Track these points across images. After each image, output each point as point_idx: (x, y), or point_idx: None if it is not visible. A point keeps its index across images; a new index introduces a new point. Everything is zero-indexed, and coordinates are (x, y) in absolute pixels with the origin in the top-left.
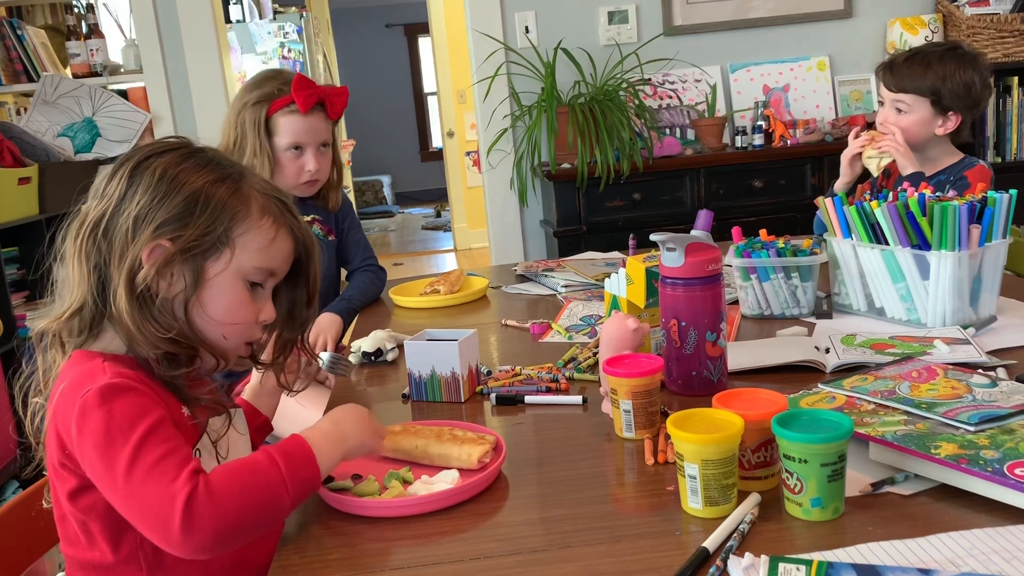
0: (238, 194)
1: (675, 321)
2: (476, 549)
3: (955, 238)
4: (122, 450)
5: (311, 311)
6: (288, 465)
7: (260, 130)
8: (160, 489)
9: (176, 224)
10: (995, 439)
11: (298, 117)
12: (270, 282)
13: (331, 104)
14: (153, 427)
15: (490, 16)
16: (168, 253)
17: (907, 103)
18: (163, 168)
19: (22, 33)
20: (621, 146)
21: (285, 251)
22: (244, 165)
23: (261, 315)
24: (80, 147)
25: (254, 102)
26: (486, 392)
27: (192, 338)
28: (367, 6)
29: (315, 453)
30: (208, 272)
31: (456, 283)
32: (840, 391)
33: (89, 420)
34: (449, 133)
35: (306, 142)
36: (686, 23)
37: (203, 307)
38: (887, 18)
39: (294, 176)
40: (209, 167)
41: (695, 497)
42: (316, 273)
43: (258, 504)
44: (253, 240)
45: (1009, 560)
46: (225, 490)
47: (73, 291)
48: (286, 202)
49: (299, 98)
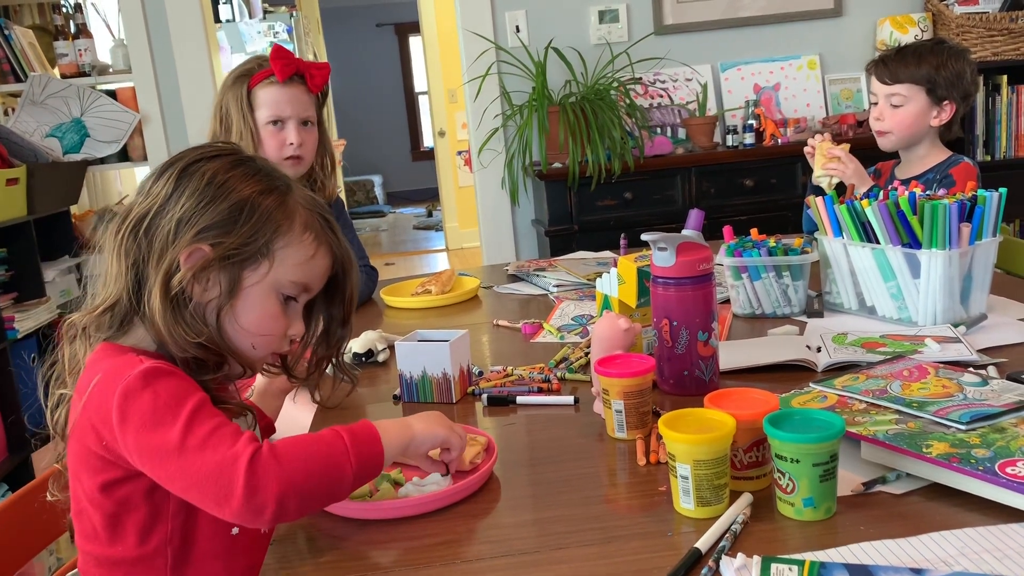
0: (283, 207)
1: (666, 321)
2: (468, 551)
3: (945, 237)
4: (173, 425)
5: (346, 330)
6: (352, 440)
7: (242, 105)
8: (222, 452)
9: (219, 230)
10: (986, 438)
11: (276, 88)
12: (303, 297)
13: (311, 76)
14: (200, 404)
15: (481, 15)
16: (207, 258)
17: (903, 94)
18: (212, 173)
19: (9, 33)
20: (612, 145)
21: (322, 268)
22: (287, 177)
23: (291, 330)
24: (69, 148)
25: (234, 79)
26: (477, 393)
27: (221, 345)
28: (357, 5)
29: (380, 434)
30: (245, 281)
31: (447, 283)
32: (831, 390)
33: (135, 402)
34: (440, 132)
35: (286, 114)
36: (677, 22)
37: (235, 316)
38: (877, 17)
39: (276, 151)
40: (257, 176)
41: (687, 497)
42: (353, 292)
43: (322, 471)
44: (293, 255)
45: (1001, 559)
46: (289, 453)
47: (109, 286)
48: (329, 219)
49: (276, 66)
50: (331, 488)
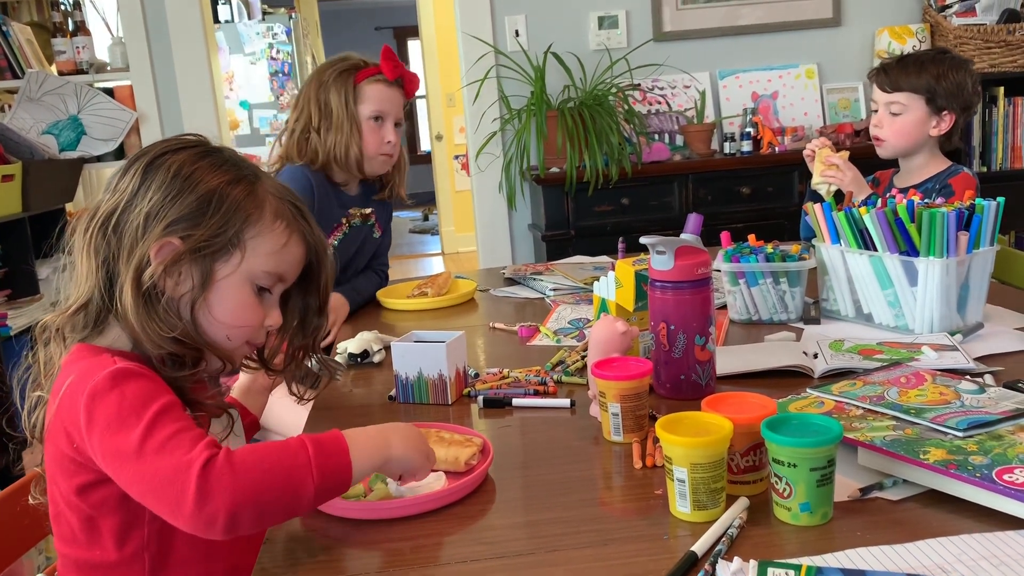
0: (252, 196)
1: (664, 325)
2: (462, 552)
3: (943, 245)
4: (135, 427)
5: (322, 319)
6: (317, 452)
7: (348, 98)
8: (177, 458)
9: (188, 223)
10: (983, 445)
11: (384, 86)
12: (278, 287)
13: (410, 81)
14: (166, 407)
15: (480, 19)
16: (177, 252)
17: (903, 103)
18: (178, 165)
19: (7, 29)
20: (610, 151)
21: (296, 257)
22: (256, 166)
23: (268, 320)
24: (65, 145)
25: (340, 71)
26: (473, 394)
27: (196, 339)
28: (356, 8)
29: (349, 446)
30: (217, 273)
31: (444, 286)
32: (829, 396)
33: (101, 404)
34: (438, 136)
35: (388, 112)
36: (676, 29)
37: (209, 308)
38: (875, 27)
39: (376, 146)
40: (225, 167)
41: (683, 501)
42: (328, 281)
43: (281, 485)
44: (264, 244)
45: (997, 566)
46: (246, 462)
47: (80, 286)
48: (300, 207)
49: (386, 67)
50: (290, 503)
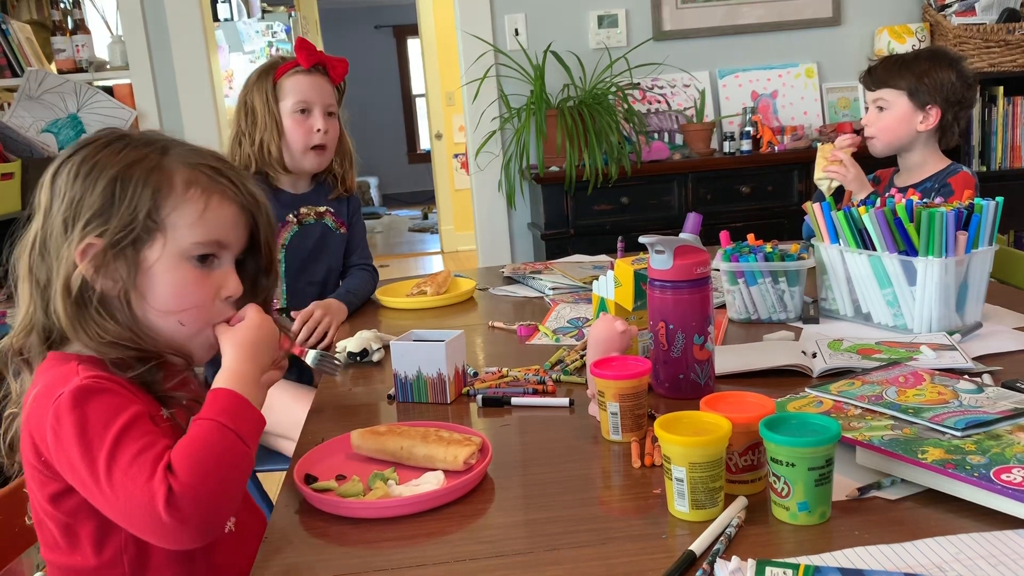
0: (158, 171)
1: (663, 324)
2: (461, 551)
3: (942, 244)
4: (99, 453)
5: (271, 279)
6: (235, 422)
7: (268, 96)
8: (140, 487)
9: (100, 218)
10: (981, 444)
11: (302, 76)
12: (225, 255)
13: (332, 67)
14: (127, 424)
15: (480, 18)
16: (99, 250)
17: (886, 99)
18: (76, 165)
19: (6, 27)
20: (609, 150)
21: (226, 218)
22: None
23: (223, 291)
24: (64, 143)
25: (259, 74)
26: (472, 393)
27: (143, 338)
28: (356, 7)
29: (242, 395)
30: (145, 261)
31: (443, 284)
32: (827, 395)
33: (64, 425)
34: (437, 135)
35: (312, 100)
36: (675, 28)
37: (145, 298)
38: (875, 26)
39: (303, 139)
40: (127, 149)
41: (682, 500)
42: (270, 238)
43: (230, 473)
44: (183, 216)
45: (995, 565)
46: (195, 477)
47: (22, 309)
48: (218, 168)
49: (301, 56)
50: (240, 477)
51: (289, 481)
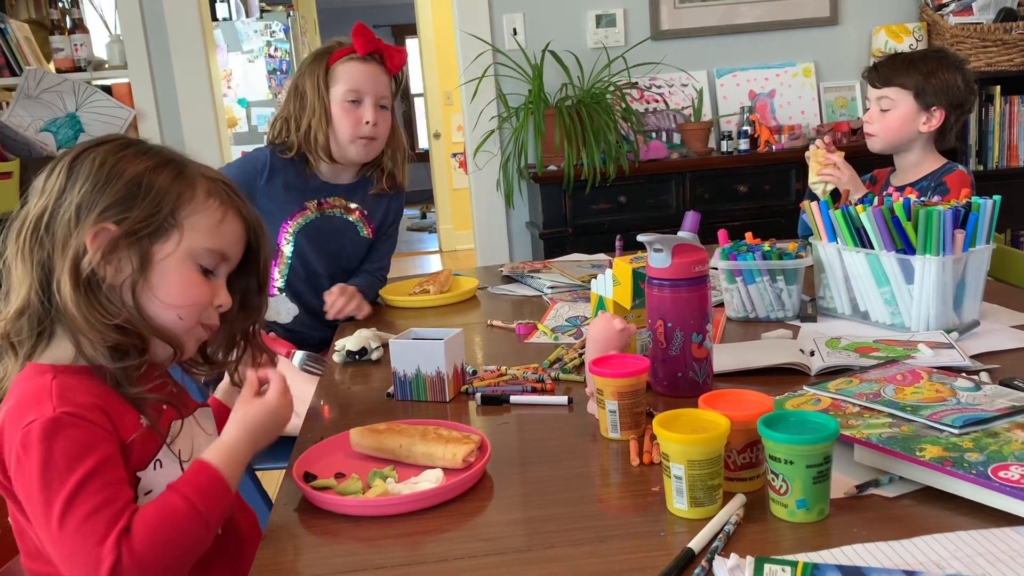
0: (181, 177)
1: (661, 322)
2: (460, 549)
3: (939, 243)
4: (56, 497)
5: (262, 299)
6: (208, 505)
7: (319, 81)
8: (89, 548)
9: (120, 207)
10: (979, 442)
11: (356, 63)
12: (222, 268)
13: (389, 56)
14: (92, 471)
15: (478, 18)
16: (114, 236)
17: (891, 98)
18: (102, 157)
19: (5, 27)
20: (607, 149)
21: (235, 233)
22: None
23: (216, 299)
24: (63, 142)
25: (314, 58)
26: (471, 392)
27: (142, 326)
28: (355, 6)
29: (226, 478)
30: (156, 255)
31: (445, 283)
32: (825, 393)
33: (29, 456)
34: (435, 134)
35: (364, 90)
36: (673, 27)
37: (153, 290)
38: (872, 26)
39: (350, 129)
40: (149, 154)
41: (680, 498)
42: (267, 259)
43: (182, 553)
44: (201, 221)
45: (993, 563)
46: (150, 552)
47: (17, 290)
48: (232, 186)
49: (358, 42)
50: (194, 556)
51: (288, 479)
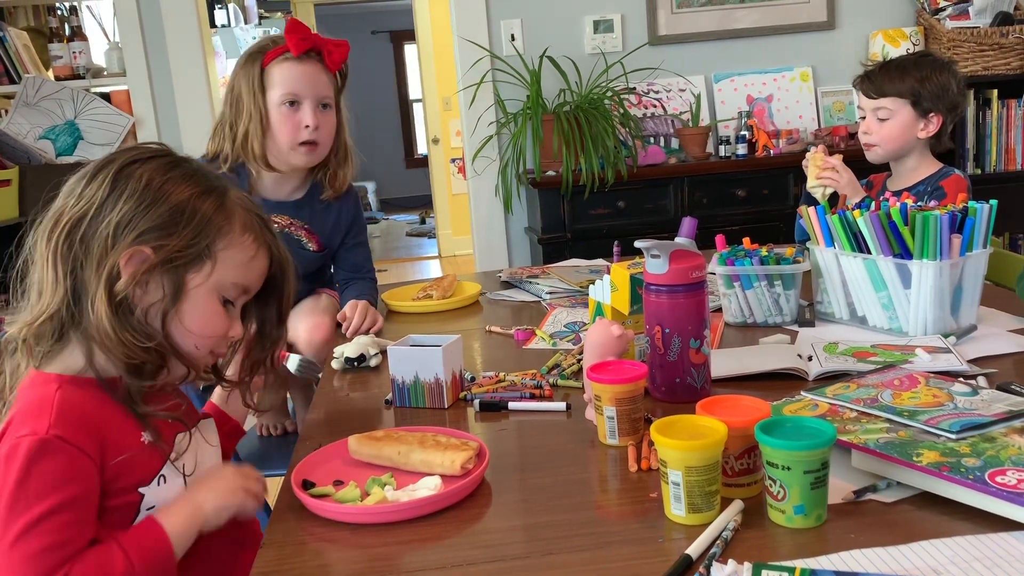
0: (222, 209)
1: (659, 328)
2: (458, 556)
3: (936, 248)
4: (20, 517)
5: (281, 331)
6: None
7: (254, 84)
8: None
9: (160, 233)
10: (976, 447)
11: (292, 63)
12: (241, 299)
13: (328, 53)
14: (61, 504)
15: (476, 24)
16: (149, 262)
17: (889, 108)
18: (148, 176)
19: (3, 34)
20: (606, 154)
21: (261, 270)
22: (226, 178)
23: (231, 331)
24: (62, 150)
25: (247, 58)
26: (469, 398)
27: (167, 348)
28: (353, 12)
29: (173, 544)
30: (188, 284)
31: (449, 289)
32: (823, 399)
33: (9, 468)
34: (434, 140)
35: (302, 93)
36: (671, 33)
37: (181, 318)
38: (870, 30)
39: (289, 135)
40: (195, 179)
41: (678, 504)
42: (290, 293)
43: None
44: (234, 256)
45: (990, 568)
46: None
47: (45, 296)
48: (265, 220)
49: (291, 41)
50: None
51: (286, 487)
